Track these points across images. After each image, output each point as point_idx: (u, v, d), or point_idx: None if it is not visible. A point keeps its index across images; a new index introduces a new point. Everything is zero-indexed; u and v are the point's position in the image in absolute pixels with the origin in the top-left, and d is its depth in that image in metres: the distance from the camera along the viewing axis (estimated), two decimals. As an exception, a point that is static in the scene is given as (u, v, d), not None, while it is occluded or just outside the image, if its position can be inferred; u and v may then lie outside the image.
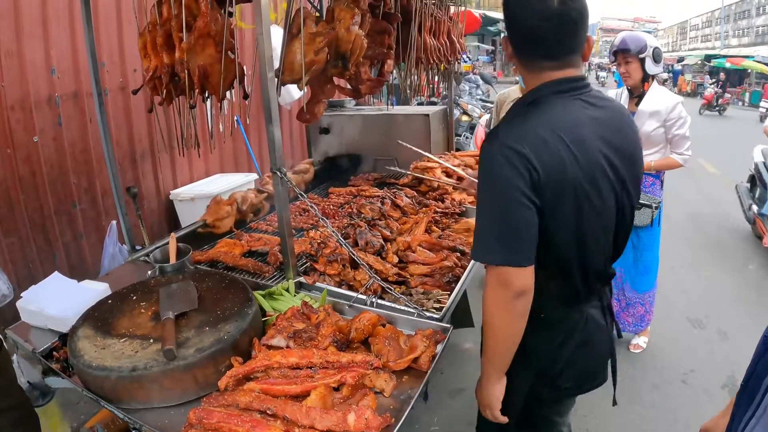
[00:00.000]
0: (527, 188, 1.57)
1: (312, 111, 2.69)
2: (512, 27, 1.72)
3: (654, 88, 4.03)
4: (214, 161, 5.96)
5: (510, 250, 1.59)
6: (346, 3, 2.49)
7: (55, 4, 4.12)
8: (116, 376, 1.65)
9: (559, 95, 1.69)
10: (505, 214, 1.59)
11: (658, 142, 4.04)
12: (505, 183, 1.58)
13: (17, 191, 3.98)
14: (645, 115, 3.98)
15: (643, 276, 4.32)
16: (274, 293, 2.25)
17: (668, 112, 3.91)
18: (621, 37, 4.04)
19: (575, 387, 2.04)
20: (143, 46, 2.19)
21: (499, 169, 1.59)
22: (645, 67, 3.92)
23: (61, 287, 2.38)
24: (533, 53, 1.71)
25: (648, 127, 3.96)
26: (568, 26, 1.64)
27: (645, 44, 3.88)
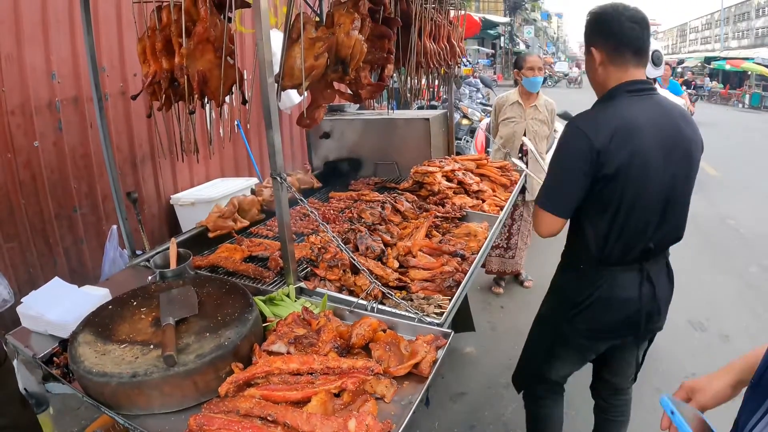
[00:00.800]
0: (585, 163, 2.14)
1: (312, 116, 2.69)
2: (606, 31, 2.21)
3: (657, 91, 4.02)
4: (214, 166, 5.96)
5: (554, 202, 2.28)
6: (345, 8, 2.49)
7: (55, 8, 4.13)
8: (116, 382, 1.64)
9: (630, 94, 2.22)
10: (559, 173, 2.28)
11: None
12: (567, 150, 2.22)
13: (18, 196, 3.99)
14: None
15: None
16: (274, 299, 2.24)
17: None
18: None
19: (587, 332, 2.50)
20: (142, 51, 2.20)
21: (571, 139, 2.20)
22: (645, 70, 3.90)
23: (62, 292, 2.38)
24: (626, 50, 2.19)
25: None
26: (647, 30, 2.23)
27: None
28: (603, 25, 2.23)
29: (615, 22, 2.18)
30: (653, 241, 2.30)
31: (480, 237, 3.04)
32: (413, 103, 3.76)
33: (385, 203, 3.28)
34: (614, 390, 2.95)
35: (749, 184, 10.56)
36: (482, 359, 4.46)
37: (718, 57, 37.32)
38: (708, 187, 10.02)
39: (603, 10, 2.25)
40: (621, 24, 2.17)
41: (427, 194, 3.68)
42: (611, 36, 2.20)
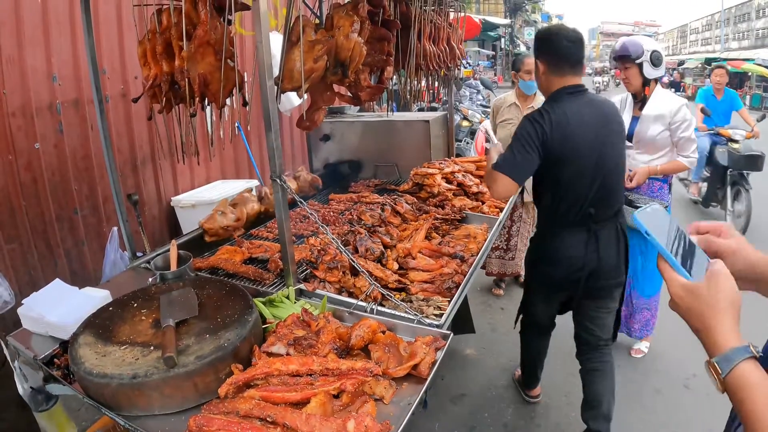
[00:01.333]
0: (536, 145, 2.77)
1: (312, 118, 2.70)
2: (549, 48, 2.90)
3: (657, 92, 4.03)
4: (215, 168, 5.97)
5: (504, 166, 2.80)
6: (345, 11, 2.50)
7: (56, 11, 4.13)
8: (117, 384, 1.65)
9: (569, 95, 2.87)
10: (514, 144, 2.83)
11: (663, 146, 4.03)
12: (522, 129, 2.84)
13: (18, 198, 3.99)
14: (649, 119, 3.97)
15: (649, 281, 4.29)
16: (274, 300, 2.25)
17: (672, 115, 3.90)
18: (621, 43, 4.04)
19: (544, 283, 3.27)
20: (143, 54, 2.21)
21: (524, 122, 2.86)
22: (643, 71, 3.90)
23: (62, 294, 2.39)
24: (564, 63, 2.87)
25: (653, 131, 3.97)
26: (581, 46, 2.91)
27: (642, 49, 3.87)
28: (545, 43, 2.92)
29: (554, 41, 2.87)
30: (593, 207, 2.89)
31: (479, 238, 3.05)
32: (413, 105, 3.76)
33: (385, 205, 3.28)
34: (588, 345, 3.37)
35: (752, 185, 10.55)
36: (482, 361, 4.46)
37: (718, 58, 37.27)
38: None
39: (546, 31, 3.03)
40: (559, 43, 2.85)
41: (427, 196, 3.70)
42: (551, 52, 2.89)
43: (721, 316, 1.00)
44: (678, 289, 1.07)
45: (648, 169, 3.99)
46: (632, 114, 4.14)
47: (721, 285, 1.02)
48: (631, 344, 4.51)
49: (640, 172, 3.97)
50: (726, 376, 0.96)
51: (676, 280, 1.07)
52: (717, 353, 0.99)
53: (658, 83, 4.04)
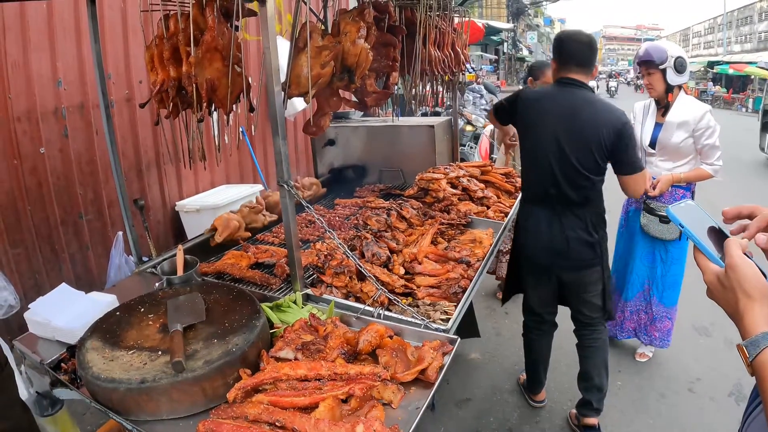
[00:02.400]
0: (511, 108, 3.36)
1: (318, 123, 2.71)
2: (561, 49, 3.17)
3: (681, 98, 3.99)
4: (219, 172, 5.98)
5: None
6: (351, 16, 2.51)
7: (61, 16, 4.15)
8: (125, 388, 1.65)
9: (559, 84, 3.18)
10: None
11: (687, 153, 3.99)
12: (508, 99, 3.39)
13: (24, 202, 4.00)
14: (673, 126, 3.94)
15: (670, 290, 4.24)
16: (281, 305, 2.25)
17: (697, 121, 3.86)
18: (644, 48, 4.01)
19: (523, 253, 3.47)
20: (150, 59, 2.21)
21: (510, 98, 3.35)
22: (667, 77, 3.87)
23: (69, 299, 2.39)
24: (570, 62, 3.13)
25: (676, 138, 3.93)
26: (588, 48, 3.15)
27: (666, 55, 3.83)
28: (558, 44, 3.19)
29: (566, 43, 3.15)
30: (553, 189, 3.14)
31: (485, 243, 3.06)
32: (417, 110, 3.77)
33: (391, 210, 3.29)
34: (581, 323, 3.54)
35: (751, 188, 10.55)
36: (487, 365, 4.46)
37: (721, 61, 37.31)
38: (712, 192, 10.00)
39: (561, 34, 3.30)
40: (570, 44, 3.13)
41: (432, 201, 3.70)
42: (562, 52, 3.16)
43: (751, 303, 1.02)
44: (712, 277, 1.10)
45: (671, 176, 3.96)
46: (655, 120, 4.11)
47: (745, 272, 1.04)
48: (635, 347, 4.50)
49: (663, 179, 3.94)
50: (753, 360, 0.98)
51: (709, 268, 1.11)
52: (746, 337, 1.02)
53: (682, 89, 4.01)
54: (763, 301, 1.02)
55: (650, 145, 4.10)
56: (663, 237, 4.02)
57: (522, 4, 40.67)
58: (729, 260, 1.06)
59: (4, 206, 3.87)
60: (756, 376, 0.99)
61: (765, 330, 0.99)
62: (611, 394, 3.91)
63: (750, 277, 1.03)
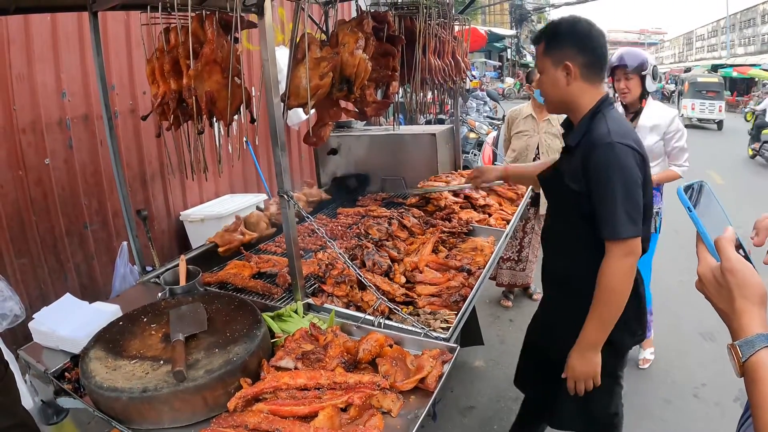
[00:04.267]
0: (640, 173, 2.15)
1: (318, 134, 2.73)
2: (585, 48, 2.23)
3: (651, 104, 4.09)
4: (223, 182, 6.00)
5: (637, 223, 2.11)
6: (349, 27, 2.53)
7: (65, 28, 4.19)
8: (127, 397, 1.67)
9: (610, 107, 2.27)
10: (633, 195, 2.11)
11: (658, 156, 4.06)
12: (630, 171, 2.11)
13: (29, 213, 4.03)
14: (646, 129, 4.00)
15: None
16: (282, 315, 2.26)
17: (667, 125, 3.98)
18: (619, 53, 4.06)
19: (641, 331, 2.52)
20: (151, 72, 2.24)
21: (625, 159, 2.11)
22: (645, 84, 3.97)
23: (73, 309, 2.41)
24: (597, 69, 2.27)
25: (649, 141, 3.95)
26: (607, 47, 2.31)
27: (646, 61, 3.93)
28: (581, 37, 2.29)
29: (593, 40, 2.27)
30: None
31: (486, 251, 3.06)
32: (419, 119, 3.78)
33: (392, 219, 3.30)
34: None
35: (756, 191, 10.51)
36: (491, 373, 4.46)
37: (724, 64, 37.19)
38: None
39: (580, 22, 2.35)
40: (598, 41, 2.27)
41: (434, 209, 3.71)
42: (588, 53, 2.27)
43: (750, 306, 1.02)
44: (707, 271, 1.09)
45: None
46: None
47: (745, 277, 1.04)
48: (635, 356, 4.44)
49: None
50: (746, 361, 0.98)
51: (706, 260, 1.10)
52: (740, 337, 1.01)
53: (650, 95, 4.11)
54: (762, 307, 1.02)
55: None
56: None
57: (525, 11, 40.76)
58: (727, 263, 1.05)
59: (9, 217, 3.90)
60: (746, 377, 0.99)
61: (761, 332, 1.00)
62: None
63: (752, 284, 1.03)
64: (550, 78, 2.33)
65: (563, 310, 2.46)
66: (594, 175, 2.15)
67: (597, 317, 2.18)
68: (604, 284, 2.15)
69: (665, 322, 4.92)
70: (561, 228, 2.46)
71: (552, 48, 2.31)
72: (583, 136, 2.25)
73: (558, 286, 2.57)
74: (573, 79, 2.26)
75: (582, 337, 2.22)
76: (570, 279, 2.41)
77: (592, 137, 2.19)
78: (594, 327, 2.19)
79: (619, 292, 2.15)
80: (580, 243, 2.32)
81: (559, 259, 2.51)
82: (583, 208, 2.22)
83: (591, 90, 2.28)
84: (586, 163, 2.18)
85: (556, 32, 2.32)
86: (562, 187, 2.33)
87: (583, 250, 2.30)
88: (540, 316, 2.78)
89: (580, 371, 2.26)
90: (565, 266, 2.45)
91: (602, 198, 2.13)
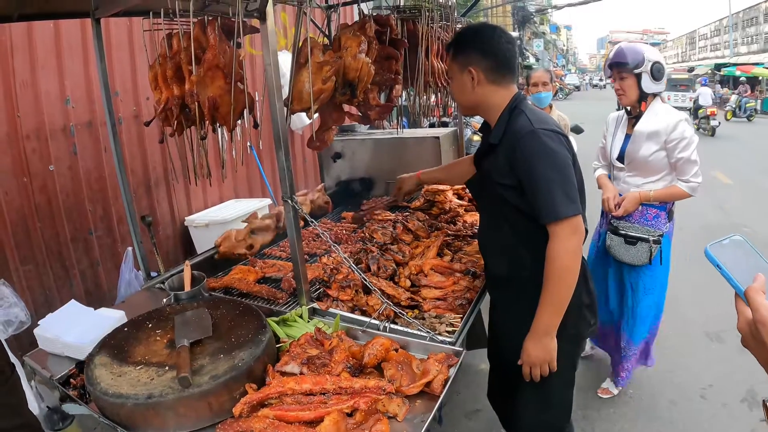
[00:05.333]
0: (568, 153, 2.19)
1: (322, 138, 2.73)
2: (488, 52, 2.28)
3: (653, 107, 3.49)
4: (228, 187, 6.01)
5: (575, 201, 2.13)
6: (352, 31, 2.54)
7: (68, 35, 4.21)
8: (132, 404, 1.67)
9: (524, 102, 2.32)
10: (566, 176, 2.14)
11: (659, 169, 3.50)
12: (557, 153, 2.14)
13: (34, 219, 4.05)
14: (642, 136, 3.46)
15: (642, 324, 3.74)
16: (287, 320, 2.26)
17: (669, 132, 3.36)
18: (617, 49, 3.58)
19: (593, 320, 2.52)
20: (154, 78, 2.25)
21: (551, 144, 2.14)
22: (641, 84, 3.42)
23: (78, 315, 2.43)
24: (503, 69, 2.30)
25: (645, 151, 3.46)
26: (516, 50, 2.38)
27: (642, 58, 3.38)
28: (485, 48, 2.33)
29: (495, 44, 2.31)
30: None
31: (491, 253, 3.06)
32: (423, 122, 3.77)
33: (397, 223, 3.30)
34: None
35: (764, 190, 10.47)
36: (497, 375, 4.44)
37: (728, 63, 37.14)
38: (722, 195, 9.96)
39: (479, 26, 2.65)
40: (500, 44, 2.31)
41: (439, 212, 3.71)
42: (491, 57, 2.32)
43: None
44: (744, 326, 1.01)
45: (639, 194, 3.51)
46: (626, 132, 3.66)
47: None
48: None
49: (629, 198, 3.52)
50: None
51: (744, 314, 1.01)
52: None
53: (657, 98, 3.53)
54: None
55: (619, 159, 3.65)
56: (629, 261, 3.55)
57: (527, 12, 40.75)
58: (756, 315, 0.97)
59: (14, 223, 3.91)
60: None
61: None
62: (622, 403, 3.90)
63: None
64: (457, 83, 2.40)
65: (511, 312, 2.45)
66: (523, 165, 2.17)
67: (549, 301, 2.17)
68: (554, 266, 2.14)
69: (672, 323, 4.90)
70: (497, 229, 2.43)
71: (457, 54, 2.37)
72: (504, 131, 2.28)
73: (502, 288, 2.54)
74: (478, 83, 2.31)
75: (536, 323, 2.21)
76: (513, 279, 2.40)
77: (514, 130, 2.23)
78: (548, 311, 2.18)
79: (569, 270, 2.14)
80: (519, 240, 2.33)
81: (499, 261, 2.47)
82: (516, 201, 2.24)
83: (500, 90, 2.33)
84: (512, 155, 2.20)
85: (460, 40, 2.40)
86: (491, 187, 2.34)
87: (521, 248, 2.32)
88: (491, 320, 2.73)
89: (536, 357, 2.24)
90: (506, 267, 2.43)
91: (535, 184, 2.14)
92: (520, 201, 2.21)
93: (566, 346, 2.32)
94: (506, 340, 2.48)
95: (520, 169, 2.17)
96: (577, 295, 2.24)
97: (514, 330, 2.33)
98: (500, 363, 2.71)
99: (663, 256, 3.58)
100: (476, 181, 2.55)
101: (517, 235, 2.32)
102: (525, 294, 2.27)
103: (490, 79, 2.30)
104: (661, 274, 3.64)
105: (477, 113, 2.48)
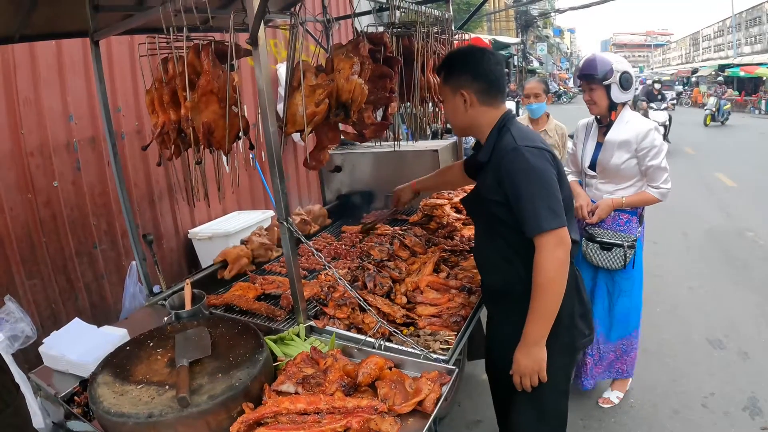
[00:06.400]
0: (553, 168, 2.25)
1: (317, 158, 2.76)
2: (479, 75, 2.36)
3: (624, 115, 3.59)
4: (231, 199, 6.05)
5: (560, 215, 2.18)
6: (344, 52, 2.57)
7: (70, 52, 4.27)
8: (133, 423, 1.71)
9: (513, 120, 2.39)
10: (549, 190, 2.19)
11: (630, 176, 3.61)
12: (540, 168, 2.20)
13: (39, 234, 4.10)
14: (613, 145, 3.55)
15: (619, 325, 3.82)
16: (285, 338, 2.30)
17: (639, 141, 3.47)
18: (586, 60, 3.65)
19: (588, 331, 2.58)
20: (150, 102, 2.29)
21: (534, 160, 2.20)
22: (611, 94, 3.50)
23: (82, 333, 2.48)
24: (494, 91, 2.38)
25: (617, 159, 3.55)
26: (504, 69, 2.46)
27: (611, 69, 3.46)
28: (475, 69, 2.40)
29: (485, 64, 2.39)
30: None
31: (488, 268, 3.08)
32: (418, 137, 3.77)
33: (394, 238, 3.33)
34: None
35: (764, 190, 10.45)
36: (498, 385, 4.45)
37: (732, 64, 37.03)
38: (725, 198, 9.93)
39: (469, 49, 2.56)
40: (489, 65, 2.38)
41: (437, 227, 3.74)
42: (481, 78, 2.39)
43: None
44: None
45: (612, 201, 3.61)
46: (597, 140, 3.74)
47: None
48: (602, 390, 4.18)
49: (603, 205, 3.62)
50: None
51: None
52: None
53: (626, 106, 3.64)
54: None
55: (590, 167, 3.74)
56: (605, 266, 3.61)
57: (531, 16, 40.73)
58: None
59: (19, 239, 3.97)
60: None
61: None
62: (623, 413, 3.91)
63: None
64: (450, 106, 2.47)
65: (506, 324, 2.47)
66: (508, 180, 2.23)
67: (537, 311, 2.22)
68: (540, 277, 2.19)
69: (673, 330, 4.91)
70: (491, 244, 2.49)
71: (449, 78, 2.44)
72: (492, 149, 2.36)
73: (498, 301, 2.58)
74: (470, 105, 2.39)
75: (525, 334, 2.26)
76: (508, 293, 2.44)
77: (500, 147, 2.31)
78: (536, 321, 2.23)
79: (555, 282, 2.19)
80: (513, 254, 2.38)
81: (495, 275, 2.52)
82: (507, 216, 2.29)
83: (490, 111, 2.40)
84: (498, 172, 2.27)
85: (450, 63, 2.46)
86: (484, 204, 2.40)
87: (516, 261, 2.37)
88: (488, 333, 2.76)
89: (525, 366, 2.28)
90: (501, 280, 2.47)
91: (520, 199, 2.20)
92: (511, 216, 2.26)
93: (559, 356, 2.37)
94: (502, 352, 2.50)
95: (506, 184, 2.24)
96: (568, 305, 2.32)
97: (508, 342, 2.37)
98: (496, 374, 2.74)
99: (636, 260, 3.66)
100: (470, 199, 2.60)
101: (511, 249, 2.36)
102: (520, 307, 2.30)
103: (481, 101, 2.37)
104: (636, 276, 3.75)
105: (470, 134, 2.54)
